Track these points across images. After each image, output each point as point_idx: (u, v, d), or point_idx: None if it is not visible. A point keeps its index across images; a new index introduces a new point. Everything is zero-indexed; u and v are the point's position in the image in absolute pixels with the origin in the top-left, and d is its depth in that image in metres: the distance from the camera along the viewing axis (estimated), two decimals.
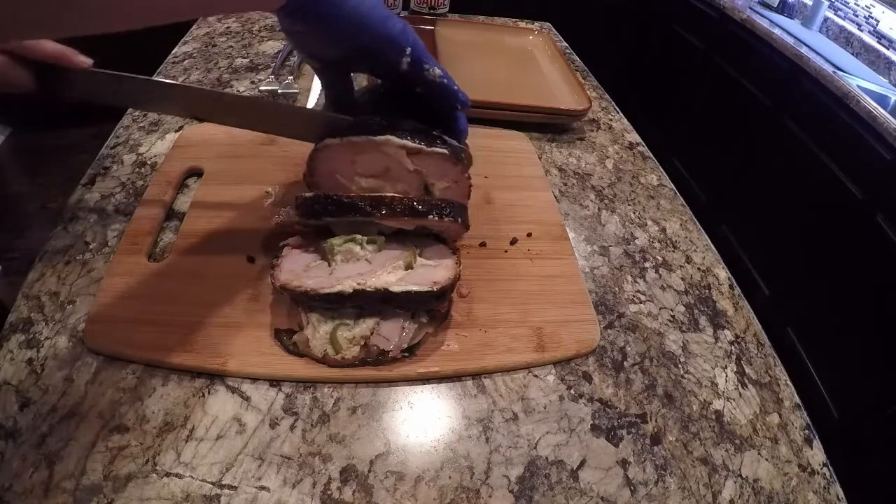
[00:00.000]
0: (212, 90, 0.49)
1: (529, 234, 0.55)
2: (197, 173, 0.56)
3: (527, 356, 0.44)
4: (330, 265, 0.41)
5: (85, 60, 0.42)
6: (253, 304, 0.43)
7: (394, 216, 0.41)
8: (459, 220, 0.43)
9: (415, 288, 0.39)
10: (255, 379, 0.40)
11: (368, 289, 0.39)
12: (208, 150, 0.58)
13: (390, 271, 0.41)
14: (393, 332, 0.40)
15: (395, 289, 0.39)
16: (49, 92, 0.43)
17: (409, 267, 0.42)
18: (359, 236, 0.42)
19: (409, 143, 0.42)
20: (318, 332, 0.40)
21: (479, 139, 0.57)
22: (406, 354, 0.41)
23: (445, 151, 0.43)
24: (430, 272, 0.41)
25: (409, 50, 0.40)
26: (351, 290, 0.38)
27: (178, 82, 0.48)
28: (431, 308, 0.42)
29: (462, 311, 0.46)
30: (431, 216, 0.41)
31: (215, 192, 0.53)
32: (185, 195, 0.54)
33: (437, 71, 0.41)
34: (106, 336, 0.40)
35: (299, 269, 0.41)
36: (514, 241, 0.54)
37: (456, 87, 0.43)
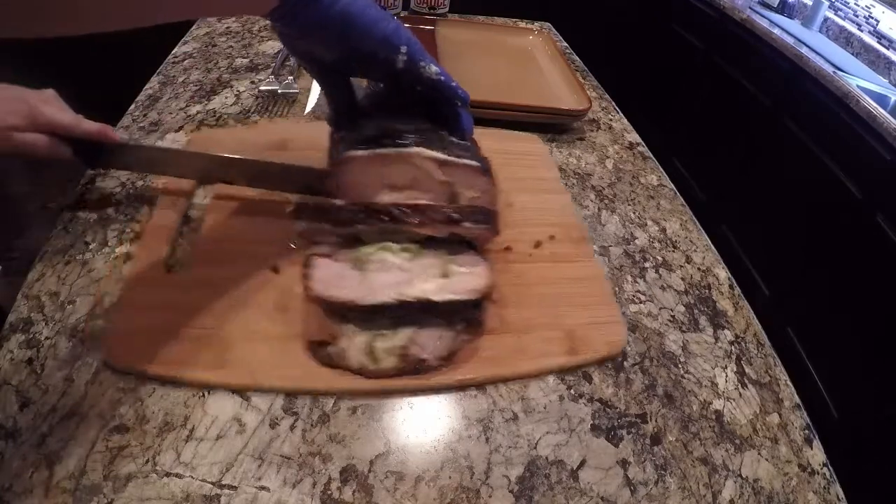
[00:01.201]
0: (232, 157, 0.50)
1: (552, 237, 0.55)
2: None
3: (560, 359, 0.44)
4: (364, 274, 0.40)
5: (120, 136, 0.49)
6: (281, 315, 0.42)
7: (428, 223, 0.40)
8: (492, 225, 0.43)
9: (455, 296, 0.39)
10: (294, 394, 0.39)
11: (409, 299, 0.38)
12: None
13: (427, 280, 0.40)
14: (430, 342, 0.40)
15: (437, 298, 0.38)
16: (88, 163, 0.52)
17: (445, 275, 0.41)
18: (392, 245, 0.41)
19: (439, 155, 0.41)
20: (353, 343, 0.39)
21: (494, 142, 0.56)
22: (444, 364, 0.41)
23: (475, 163, 0.43)
24: (465, 280, 0.41)
25: (404, 49, 0.39)
26: (392, 301, 0.37)
27: (201, 151, 0.49)
28: (469, 316, 0.42)
29: (494, 317, 0.45)
30: (467, 223, 0.41)
31: (232, 197, 0.52)
32: (200, 201, 0.53)
33: (434, 68, 0.41)
34: (131, 354, 0.38)
35: (332, 279, 0.40)
36: (538, 245, 0.53)
37: (454, 84, 0.43)
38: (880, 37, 1.81)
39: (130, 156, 0.50)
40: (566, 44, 1.08)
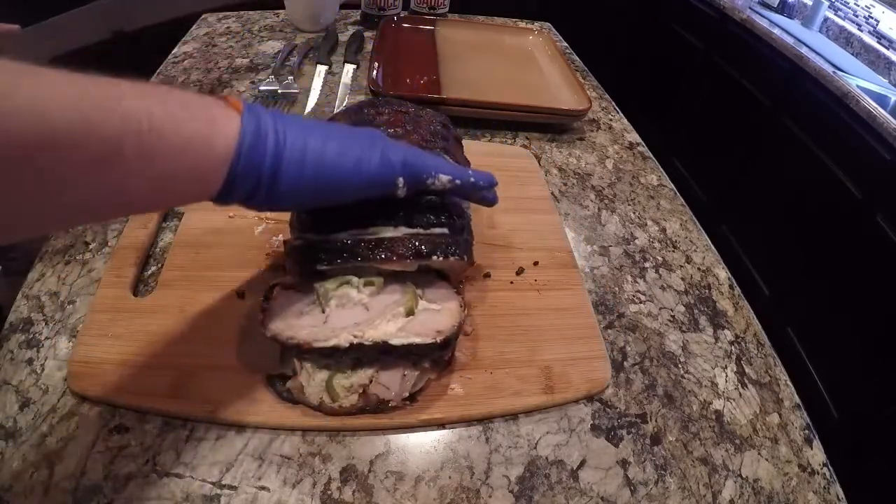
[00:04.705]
0: None
1: (536, 263, 0.52)
2: None
3: (535, 399, 0.41)
4: (324, 311, 0.38)
5: (11, 27, 0.41)
6: (244, 346, 0.40)
7: (395, 259, 0.37)
8: (465, 257, 0.40)
9: (417, 340, 0.36)
10: (244, 426, 0.37)
11: (366, 342, 0.36)
12: None
13: (389, 319, 0.37)
14: (393, 381, 0.37)
15: (396, 341, 0.36)
16: None
17: (409, 313, 0.38)
18: (354, 279, 0.39)
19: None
20: (312, 379, 0.37)
21: (481, 158, 0.53)
22: (408, 402, 0.39)
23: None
24: (432, 318, 0.38)
25: (400, 181, 0.35)
26: (347, 344, 0.35)
27: None
28: (436, 356, 0.39)
29: (467, 350, 0.43)
30: (436, 256, 0.38)
31: (203, 218, 0.50)
32: (171, 221, 0.52)
33: (444, 177, 0.37)
34: (91, 379, 0.37)
35: (291, 315, 0.37)
36: (520, 272, 0.51)
37: (473, 180, 0.39)
38: (880, 37, 1.81)
39: None
40: (566, 44, 1.08)
